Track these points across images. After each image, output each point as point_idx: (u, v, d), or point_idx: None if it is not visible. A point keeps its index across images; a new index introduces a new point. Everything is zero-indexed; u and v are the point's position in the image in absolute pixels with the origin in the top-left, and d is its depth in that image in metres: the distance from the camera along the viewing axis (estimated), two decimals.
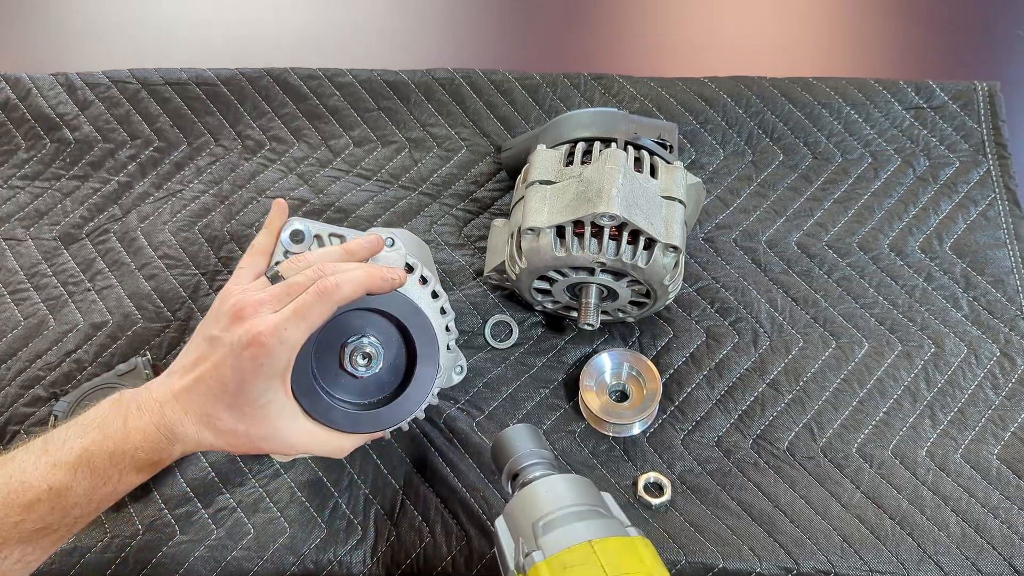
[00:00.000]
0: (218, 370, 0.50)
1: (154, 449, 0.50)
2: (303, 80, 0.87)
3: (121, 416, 0.50)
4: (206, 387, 0.50)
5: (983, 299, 0.76)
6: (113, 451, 0.49)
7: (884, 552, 0.64)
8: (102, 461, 0.49)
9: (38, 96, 0.87)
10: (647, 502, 0.66)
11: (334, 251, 0.55)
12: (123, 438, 0.49)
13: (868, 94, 0.86)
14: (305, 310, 0.50)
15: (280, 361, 0.50)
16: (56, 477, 0.48)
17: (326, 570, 0.64)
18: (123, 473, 0.49)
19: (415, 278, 0.59)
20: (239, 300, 0.51)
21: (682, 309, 0.75)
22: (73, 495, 0.48)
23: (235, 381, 0.49)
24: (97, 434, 0.49)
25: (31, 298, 0.77)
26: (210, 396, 0.50)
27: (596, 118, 0.72)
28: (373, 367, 0.57)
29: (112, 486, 0.49)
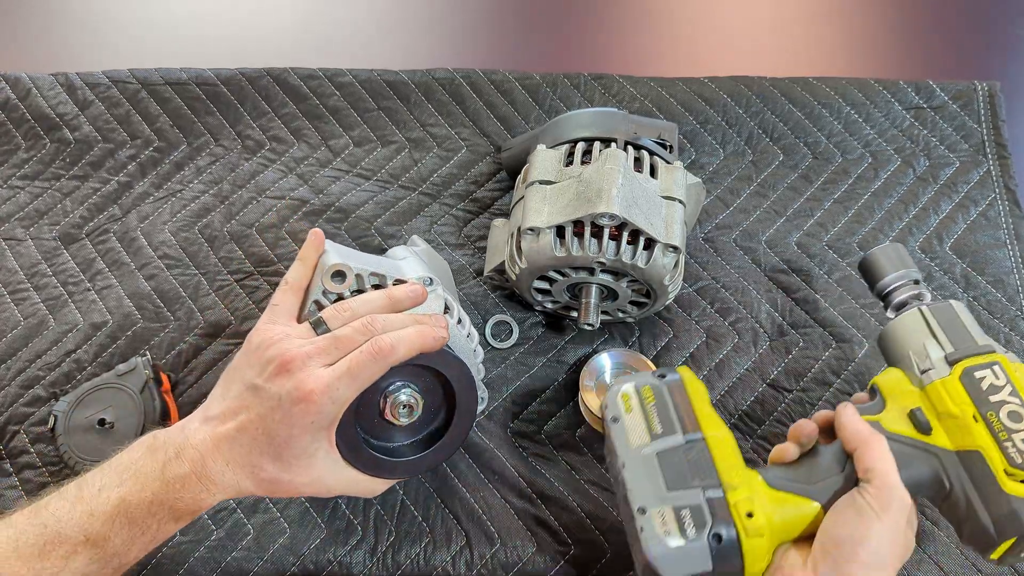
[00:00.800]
0: (264, 422, 0.49)
1: (193, 499, 0.48)
2: (303, 80, 0.87)
3: (159, 464, 0.48)
4: (250, 438, 0.49)
5: (983, 299, 0.76)
6: (152, 501, 0.47)
7: None
8: (140, 512, 0.47)
9: (38, 96, 0.87)
10: None
11: (377, 301, 0.54)
12: (162, 488, 0.48)
13: (868, 94, 0.86)
14: (358, 370, 0.49)
15: (329, 417, 0.50)
16: (93, 528, 0.47)
17: (326, 570, 0.64)
18: (161, 523, 0.48)
19: (452, 320, 0.57)
20: (284, 350, 0.49)
21: (682, 309, 0.75)
22: (111, 546, 0.47)
23: (282, 435, 0.49)
24: (134, 483, 0.48)
25: (31, 298, 0.77)
26: (255, 448, 0.49)
27: (596, 118, 0.72)
28: (413, 416, 0.56)
29: (151, 535, 0.48)
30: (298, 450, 0.49)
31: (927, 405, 0.53)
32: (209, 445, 0.49)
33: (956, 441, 0.52)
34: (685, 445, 0.52)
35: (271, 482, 0.50)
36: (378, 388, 0.55)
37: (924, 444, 0.52)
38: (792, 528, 0.51)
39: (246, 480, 0.49)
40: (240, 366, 0.52)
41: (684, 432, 0.52)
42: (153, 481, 0.48)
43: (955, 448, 0.51)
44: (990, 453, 0.50)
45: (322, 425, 0.50)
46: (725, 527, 0.48)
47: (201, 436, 0.49)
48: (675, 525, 0.49)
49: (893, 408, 0.54)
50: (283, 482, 0.50)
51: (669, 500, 0.50)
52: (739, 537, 0.49)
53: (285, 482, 0.50)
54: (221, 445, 0.49)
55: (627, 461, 0.52)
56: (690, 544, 0.48)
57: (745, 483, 0.50)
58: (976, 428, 0.51)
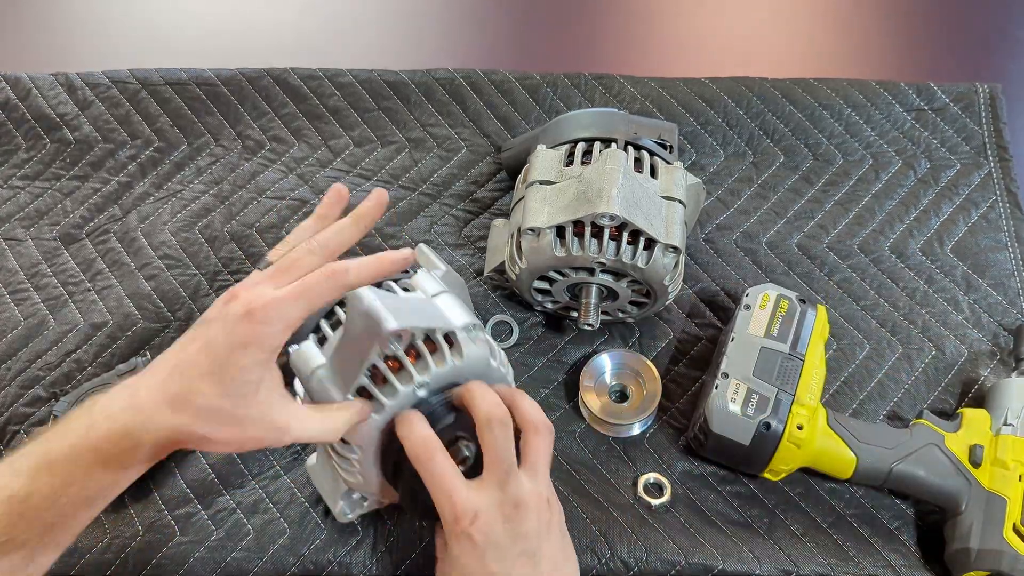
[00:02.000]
0: (208, 345, 0.46)
1: (120, 438, 0.45)
2: (303, 80, 0.87)
3: (87, 411, 0.46)
4: (191, 362, 0.46)
5: (984, 302, 0.75)
6: (73, 446, 0.45)
7: (881, 556, 0.64)
8: (61, 460, 0.45)
9: (38, 96, 0.87)
10: (647, 503, 0.66)
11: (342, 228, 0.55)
12: (85, 432, 0.45)
13: (869, 96, 0.86)
14: (308, 288, 0.47)
15: (274, 338, 0.46)
16: (15, 484, 0.45)
17: (326, 571, 0.64)
18: (87, 471, 0.45)
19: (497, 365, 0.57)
20: (235, 286, 0.48)
21: (682, 310, 0.75)
22: (35, 500, 0.44)
23: (223, 355, 0.45)
24: (56, 434, 0.46)
25: (31, 298, 0.77)
26: (195, 371, 0.45)
27: (596, 118, 0.72)
28: (468, 463, 0.55)
29: (78, 487, 0.45)
30: (239, 371, 0.45)
31: (990, 448, 0.62)
32: (145, 377, 0.46)
33: (994, 484, 0.61)
34: (786, 355, 0.64)
35: (210, 411, 0.45)
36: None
37: (967, 471, 0.61)
38: (823, 460, 0.63)
39: (182, 412, 0.45)
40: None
41: (792, 347, 0.64)
42: (78, 428, 0.45)
43: (988, 488, 0.61)
44: (1013, 507, 0.59)
45: (268, 347, 0.46)
46: (777, 422, 0.61)
47: (141, 374, 0.47)
48: (742, 398, 0.62)
49: (963, 435, 0.63)
50: (224, 412, 0.45)
51: (749, 381, 0.63)
52: (782, 435, 0.61)
53: (226, 412, 0.45)
54: (158, 374, 0.46)
55: (737, 337, 0.65)
56: (744, 417, 0.61)
57: (811, 407, 0.62)
58: (1015, 484, 0.60)
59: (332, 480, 0.61)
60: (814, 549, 0.64)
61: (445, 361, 0.52)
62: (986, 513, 0.60)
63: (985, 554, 0.59)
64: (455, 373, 0.54)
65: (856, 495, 0.67)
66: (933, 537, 0.64)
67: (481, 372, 0.55)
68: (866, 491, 0.67)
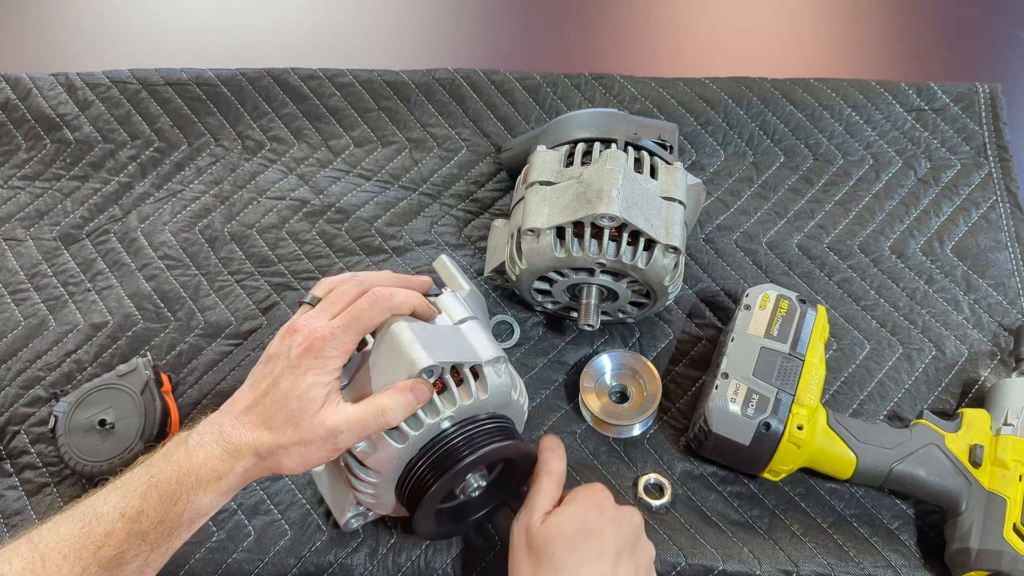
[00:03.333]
0: (276, 380, 0.52)
1: (216, 463, 0.51)
2: (303, 80, 0.87)
3: (183, 441, 0.52)
4: (263, 396, 0.52)
5: (984, 302, 0.75)
6: (178, 471, 0.50)
7: (881, 556, 0.64)
8: (168, 483, 0.50)
9: (38, 96, 0.87)
10: (647, 503, 0.66)
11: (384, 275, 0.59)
12: (186, 458, 0.51)
13: (869, 96, 0.86)
14: (358, 314, 0.53)
15: (333, 362, 0.53)
16: (126, 504, 0.49)
17: (327, 572, 0.64)
18: (190, 492, 0.50)
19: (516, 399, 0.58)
20: (293, 321, 0.54)
21: (682, 310, 0.75)
22: (145, 519, 0.49)
23: (289, 383, 0.52)
24: (161, 459, 0.51)
25: (31, 298, 0.77)
26: (270, 404, 0.52)
27: (596, 119, 0.72)
28: (478, 489, 0.59)
29: (182, 507, 0.50)
30: (304, 394, 0.52)
31: (990, 448, 0.62)
32: (226, 414, 0.53)
33: (994, 484, 0.61)
34: (786, 355, 0.64)
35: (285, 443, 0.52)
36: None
37: (967, 471, 0.61)
38: (823, 460, 0.63)
39: (263, 432, 0.51)
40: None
41: (792, 347, 0.64)
42: (179, 455, 0.51)
43: (988, 488, 0.60)
44: (1013, 507, 0.59)
45: (327, 371, 0.52)
46: (777, 422, 0.61)
47: (223, 410, 0.53)
48: (742, 398, 0.62)
49: (963, 435, 0.63)
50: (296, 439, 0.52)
51: (749, 381, 0.63)
52: (782, 436, 0.61)
53: (298, 439, 0.51)
54: (236, 410, 0.53)
55: (736, 338, 0.65)
56: (744, 417, 0.61)
57: (811, 407, 0.62)
58: (1015, 484, 0.60)
59: (341, 492, 0.61)
60: (814, 549, 0.64)
61: (471, 395, 0.54)
62: (986, 513, 0.60)
63: (985, 554, 0.59)
64: (479, 407, 0.55)
65: (856, 495, 0.67)
66: (933, 537, 0.64)
67: (503, 405, 0.57)
68: (866, 491, 0.67)
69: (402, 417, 0.52)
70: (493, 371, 0.56)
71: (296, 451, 0.52)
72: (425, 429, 0.54)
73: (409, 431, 0.53)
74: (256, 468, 0.52)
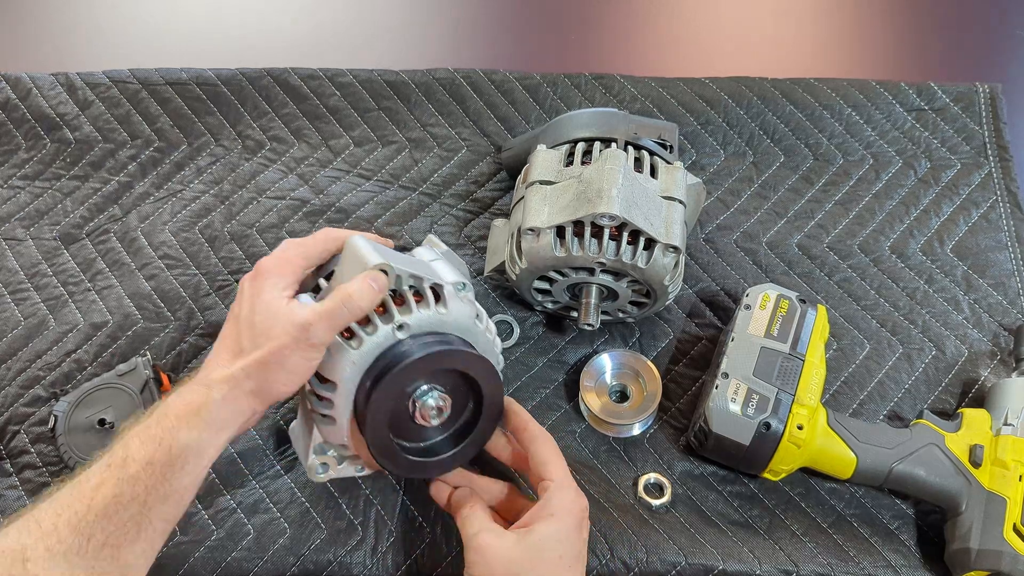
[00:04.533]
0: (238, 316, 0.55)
1: (191, 396, 0.51)
2: (303, 80, 0.87)
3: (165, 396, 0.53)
4: (237, 331, 0.54)
5: (984, 302, 0.75)
6: (156, 416, 0.51)
7: (881, 556, 0.64)
8: (147, 428, 0.50)
9: (38, 96, 0.87)
10: (647, 503, 0.66)
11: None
12: (163, 405, 0.52)
13: (869, 96, 0.86)
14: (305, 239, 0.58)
15: (286, 278, 0.55)
16: (110, 456, 0.50)
17: (326, 571, 0.64)
18: (172, 431, 0.50)
19: (484, 328, 0.59)
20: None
21: (682, 310, 0.75)
22: (132, 463, 0.49)
23: (251, 307, 0.54)
24: (143, 415, 0.52)
25: (31, 298, 0.77)
26: (240, 335, 0.53)
27: (596, 118, 0.72)
28: (443, 416, 0.57)
29: (166, 445, 0.49)
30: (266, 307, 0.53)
31: (990, 448, 0.62)
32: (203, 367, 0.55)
33: (993, 484, 0.61)
34: (786, 355, 0.64)
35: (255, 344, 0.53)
36: (407, 394, 0.56)
37: (967, 471, 0.62)
38: (823, 460, 0.63)
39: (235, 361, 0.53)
40: None
41: (792, 347, 0.64)
42: (159, 404, 0.52)
43: (988, 488, 0.60)
44: (1013, 507, 0.59)
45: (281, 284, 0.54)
46: (777, 422, 0.61)
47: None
48: (742, 398, 0.62)
49: (963, 435, 0.63)
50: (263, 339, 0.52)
51: (749, 381, 0.63)
52: (782, 435, 0.61)
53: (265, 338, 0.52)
54: (211, 359, 0.55)
55: (737, 337, 0.65)
56: (744, 417, 0.62)
57: (811, 407, 0.62)
58: (1015, 484, 0.60)
59: (308, 436, 0.61)
60: (814, 549, 0.64)
61: (428, 308, 0.55)
62: (986, 513, 0.60)
63: (985, 554, 0.59)
64: (438, 322, 0.55)
65: (856, 495, 0.67)
66: (933, 537, 0.64)
67: (465, 329, 0.57)
68: (866, 491, 0.67)
69: (367, 302, 0.52)
70: (454, 291, 0.56)
71: (274, 363, 0.51)
72: (380, 333, 0.54)
73: (363, 335, 0.54)
74: (242, 397, 0.52)
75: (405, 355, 0.53)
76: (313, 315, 0.52)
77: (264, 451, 0.68)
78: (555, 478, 0.56)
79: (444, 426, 0.59)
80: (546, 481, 0.56)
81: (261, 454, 0.68)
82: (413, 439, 0.59)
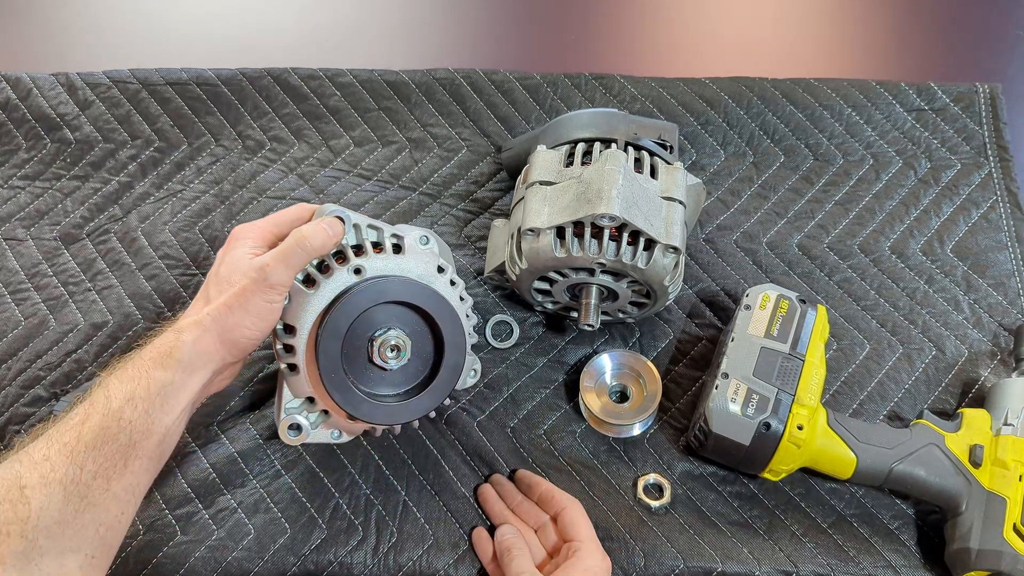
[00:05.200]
0: (210, 277, 0.57)
1: (162, 340, 0.53)
2: (303, 80, 0.87)
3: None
4: (208, 285, 0.56)
5: (984, 302, 0.75)
6: (133, 358, 0.53)
7: (881, 556, 0.64)
8: (124, 370, 0.52)
9: (39, 96, 0.87)
10: (647, 504, 0.66)
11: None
12: (138, 348, 0.54)
13: (869, 96, 0.86)
14: (274, 214, 0.60)
15: (253, 240, 0.57)
16: (91, 396, 0.52)
17: (327, 571, 0.64)
18: (146, 371, 0.52)
19: (446, 279, 0.59)
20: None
21: (682, 310, 0.75)
22: (114, 399, 0.51)
23: (220, 263, 0.56)
24: (118, 362, 0.54)
25: (31, 298, 0.77)
26: (209, 288, 0.56)
27: (596, 118, 0.72)
28: (402, 359, 0.58)
29: (144, 383, 0.51)
30: (233, 261, 0.55)
31: (990, 448, 0.62)
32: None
33: (994, 484, 0.61)
34: (786, 355, 0.64)
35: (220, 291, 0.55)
36: (366, 335, 0.57)
37: (967, 471, 0.62)
38: (823, 460, 0.63)
39: (203, 307, 0.55)
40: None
41: (792, 347, 0.64)
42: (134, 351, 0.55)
43: (988, 488, 0.61)
44: (1013, 507, 0.60)
45: (248, 245, 0.56)
46: (777, 422, 0.61)
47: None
48: (742, 398, 0.62)
49: (963, 435, 0.64)
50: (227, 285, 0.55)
51: (749, 381, 0.63)
52: (782, 436, 0.61)
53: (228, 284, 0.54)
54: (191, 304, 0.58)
55: (736, 337, 0.65)
56: (744, 417, 0.62)
57: (811, 407, 0.62)
58: (1015, 484, 0.60)
59: (280, 396, 0.62)
60: (814, 549, 0.64)
61: (385, 253, 0.57)
62: (986, 513, 0.60)
63: (985, 554, 0.59)
64: (396, 268, 0.57)
65: (856, 495, 0.67)
66: (933, 537, 0.65)
67: (427, 278, 0.58)
68: (866, 491, 0.67)
69: (320, 241, 0.55)
70: (416, 244, 0.58)
71: (237, 306, 0.53)
72: (336, 277, 0.56)
73: (321, 279, 0.56)
74: (210, 342, 0.53)
75: (350, 290, 0.56)
76: (269, 257, 0.54)
77: (264, 450, 0.68)
78: (583, 539, 0.60)
79: (406, 378, 0.60)
80: (576, 542, 0.60)
81: (262, 454, 0.68)
82: (377, 386, 0.59)
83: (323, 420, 0.61)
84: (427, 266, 0.58)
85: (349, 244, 0.57)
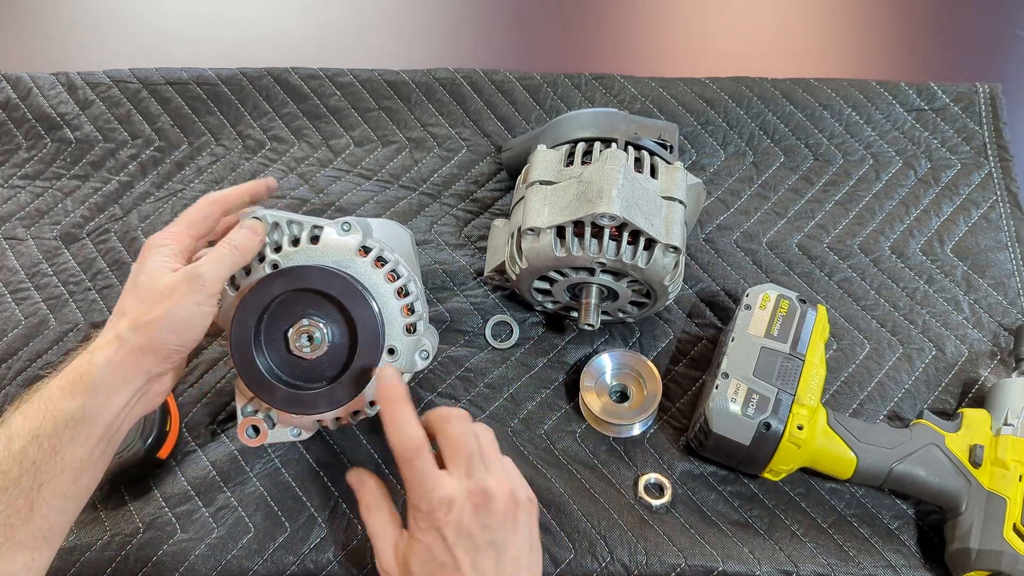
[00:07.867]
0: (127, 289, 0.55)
1: (72, 364, 0.51)
2: (304, 80, 0.87)
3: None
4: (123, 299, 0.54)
5: (984, 302, 0.75)
6: (41, 389, 0.50)
7: (881, 556, 0.64)
8: (34, 402, 0.50)
9: (39, 96, 0.87)
10: (647, 503, 0.66)
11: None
12: (47, 378, 0.51)
13: (869, 96, 0.86)
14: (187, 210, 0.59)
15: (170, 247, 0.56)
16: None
17: (326, 570, 0.64)
18: (54, 402, 0.49)
19: (370, 260, 0.59)
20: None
21: (682, 310, 0.75)
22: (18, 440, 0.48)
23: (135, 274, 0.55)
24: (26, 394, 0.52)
25: (32, 297, 0.77)
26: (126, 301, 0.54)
27: (596, 118, 0.72)
28: (319, 347, 0.58)
29: (51, 418, 0.49)
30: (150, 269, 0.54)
31: (990, 448, 0.62)
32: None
33: (994, 484, 0.61)
34: (786, 355, 0.64)
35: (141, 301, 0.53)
36: (283, 330, 0.58)
37: (967, 471, 0.62)
38: (823, 460, 0.63)
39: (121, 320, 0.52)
40: None
41: (792, 347, 0.64)
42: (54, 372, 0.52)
43: (988, 488, 0.61)
44: (1013, 507, 0.60)
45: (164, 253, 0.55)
46: (777, 422, 0.61)
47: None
48: (742, 398, 0.62)
49: (963, 435, 0.63)
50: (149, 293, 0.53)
51: (749, 381, 0.63)
52: (782, 436, 0.61)
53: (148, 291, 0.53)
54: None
55: (737, 337, 0.65)
56: (744, 417, 0.62)
57: (811, 407, 0.62)
58: (1015, 484, 0.60)
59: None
60: (814, 549, 0.64)
61: (302, 246, 0.58)
62: (986, 513, 0.60)
63: (985, 554, 0.59)
64: (311, 259, 0.58)
65: (856, 495, 0.67)
66: (933, 537, 0.65)
67: (344, 264, 0.59)
68: (866, 491, 0.67)
69: (249, 245, 0.56)
70: (336, 233, 0.59)
71: (162, 313, 0.51)
72: (254, 274, 0.58)
73: (242, 278, 0.59)
74: (131, 356, 0.51)
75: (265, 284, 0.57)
76: (201, 263, 0.54)
77: (265, 449, 0.68)
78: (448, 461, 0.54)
79: (335, 363, 0.59)
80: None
81: (262, 452, 0.68)
82: (301, 377, 0.59)
83: (277, 419, 0.61)
84: (345, 251, 0.59)
85: (268, 243, 0.59)
